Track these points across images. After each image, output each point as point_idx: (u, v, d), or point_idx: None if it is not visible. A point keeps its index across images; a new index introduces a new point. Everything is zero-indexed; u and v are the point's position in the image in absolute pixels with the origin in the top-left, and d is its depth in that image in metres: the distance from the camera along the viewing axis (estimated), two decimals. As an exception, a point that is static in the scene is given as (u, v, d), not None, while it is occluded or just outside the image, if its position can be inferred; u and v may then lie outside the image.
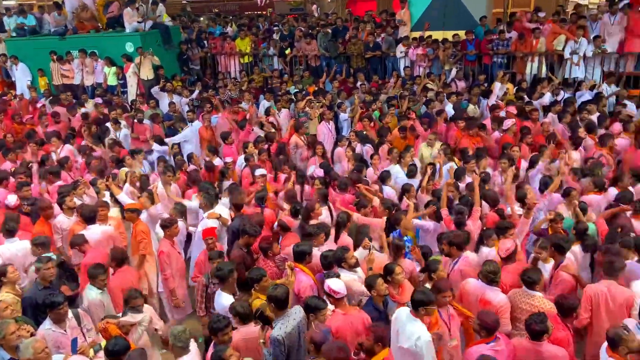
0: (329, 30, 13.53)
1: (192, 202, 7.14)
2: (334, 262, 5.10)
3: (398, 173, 7.73)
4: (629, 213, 6.00)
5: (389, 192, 7.25)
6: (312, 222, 6.09)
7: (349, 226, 6.04)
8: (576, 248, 5.48)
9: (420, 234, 6.43)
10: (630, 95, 10.13)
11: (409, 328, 4.21)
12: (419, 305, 4.21)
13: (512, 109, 9.66)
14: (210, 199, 6.69)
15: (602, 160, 7.50)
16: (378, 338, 3.91)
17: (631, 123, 8.64)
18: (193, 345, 4.25)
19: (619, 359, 3.74)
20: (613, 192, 6.64)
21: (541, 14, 12.30)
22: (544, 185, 6.82)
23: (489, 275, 4.66)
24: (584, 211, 6.08)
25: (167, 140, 9.71)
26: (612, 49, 11.09)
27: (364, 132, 9.22)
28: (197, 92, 12.30)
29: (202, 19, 17.67)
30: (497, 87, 10.62)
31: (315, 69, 13.49)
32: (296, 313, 4.41)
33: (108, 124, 10.12)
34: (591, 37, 11.05)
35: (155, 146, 9.41)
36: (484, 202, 6.38)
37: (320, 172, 7.76)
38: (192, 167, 8.40)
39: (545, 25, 11.82)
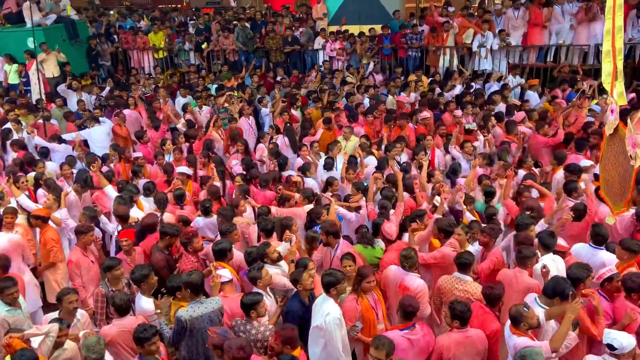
0: (247, 24, 13.35)
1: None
2: (257, 258, 5.06)
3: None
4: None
5: (311, 183, 7.29)
6: (237, 219, 6.00)
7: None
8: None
9: (343, 224, 6.50)
10: (530, 84, 10.78)
11: (322, 307, 4.32)
12: (329, 287, 4.34)
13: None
14: (126, 200, 6.42)
15: (508, 147, 7.97)
16: (286, 340, 3.94)
17: (534, 112, 9.23)
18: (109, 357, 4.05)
19: (520, 334, 3.92)
20: (521, 173, 7.09)
21: (450, 9, 12.82)
22: (452, 172, 7.27)
23: (404, 261, 4.79)
24: (493, 195, 6.40)
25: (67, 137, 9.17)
26: (516, 42, 11.79)
27: (289, 125, 9.23)
28: (107, 89, 11.72)
29: (111, 12, 16.81)
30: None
31: (234, 63, 13.28)
32: (211, 303, 4.43)
33: (9, 125, 9.37)
34: (497, 31, 11.67)
35: (55, 146, 8.78)
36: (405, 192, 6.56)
37: (240, 169, 7.65)
38: (105, 168, 7.98)
39: (454, 20, 12.34)
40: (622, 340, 3.68)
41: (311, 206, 6.29)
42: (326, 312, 4.27)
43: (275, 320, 4.60)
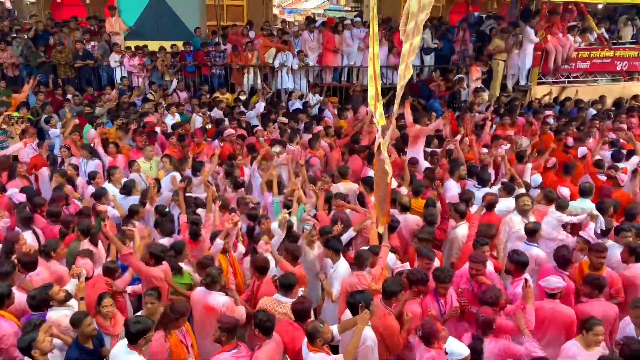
0: (25, 36, 11.89)
1: None
2: (41, 302, 4.41)
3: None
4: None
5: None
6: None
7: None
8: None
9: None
10: (330, 101, 11.53)
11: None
12: (138, 337, 3.89)
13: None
14: None
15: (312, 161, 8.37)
16: None
17: (330, 128, 9.84)
18: None
19: (316, 350, 3.95)
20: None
21: (251, 33, 13.10)
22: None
23: (206, 279, 4.72)
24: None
25: None
26: (314, 62, 12.52)
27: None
28: None
29: None
30: None
31: (14, 79, 11.69)
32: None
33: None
34: (295, 51, 12.25)
35: None
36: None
37: (21, 197, 6.68)
38: None
39: (256, 39, 12.63)
40: (455, 348, 4.02)
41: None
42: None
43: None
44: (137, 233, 5.65)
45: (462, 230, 6.17)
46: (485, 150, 8.54)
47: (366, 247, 5.57)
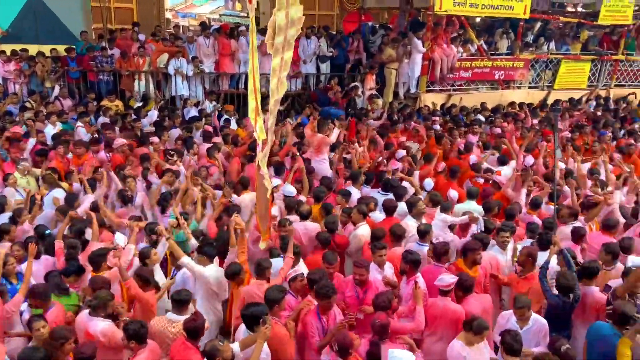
0: None
1: None
2: None
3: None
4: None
5: None
6: None
7: None
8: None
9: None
10: (226, 109, 11.33)
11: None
12: None
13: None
14: None
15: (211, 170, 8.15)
16: None
17: (228, 136, 9.66)
18: None
19: None
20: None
21: (142, 36, 12.52)
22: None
23: (93, 303, 4.47)
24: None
25: None
26: (209, 69, 12.24)
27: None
28: None
29: None
30: None
31: None
32: None
33: None
34: (190, 57, 11.90)
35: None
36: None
37: None
38: None
39: (147, 44, 12.10)
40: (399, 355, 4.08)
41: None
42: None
43: None
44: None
45: (362, 231, 6.28)
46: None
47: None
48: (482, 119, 11.69)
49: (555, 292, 4.95)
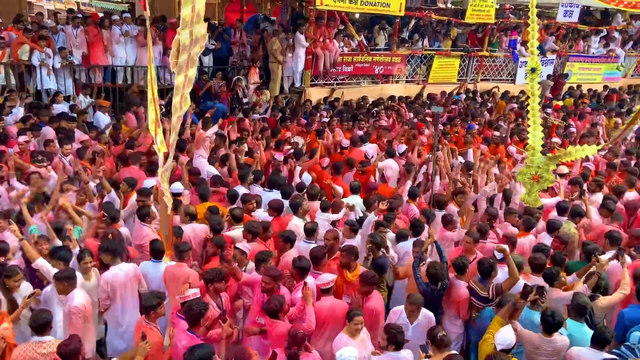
0: None
1: None
2: None
3: None
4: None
5: None
6: None
7: None
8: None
9: None
10: (100, 105, 10.53)
11: None
12: None
13: None
14: None
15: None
16: None
17: (103, 134, 9.05)
18: None
19: None
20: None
21: (-1, 21, 11.27)
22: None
23: None
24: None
25: None
26: (79, 61, 11.33)
27: None
28: None
29: None
30: None
31: None
32: None
33: None
34: (57, 48, 10.92)
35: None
36: None
37: None
38: None
39: (6, 33, 10.89)
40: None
41: None
42: None
43: None
44: None
45: (234, 233, 6.24)
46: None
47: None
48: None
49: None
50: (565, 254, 6.11)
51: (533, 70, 5.50)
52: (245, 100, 12.21)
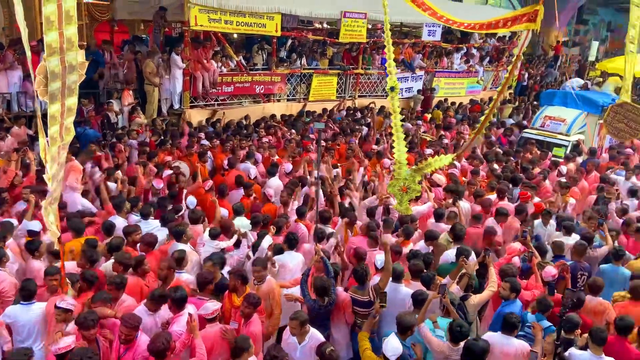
0: None
1: None
2: None
3: None
4: None
5: None
6: None
7: None
8: None
9: None
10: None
11: None
12: None
13: None
14: None
15: None
16: None
17: None
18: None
19: None
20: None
21: None
22: None
23: None
24: None
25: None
26: None
27: None
28: None
29: None
30: None
31: None
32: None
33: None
34: None
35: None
36: None
37: None
38: None
39: None
40: None
41: None
42: None
43: None
44: None
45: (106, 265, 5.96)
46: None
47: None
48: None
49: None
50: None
51: (392, 89, 5.81)
52: (118, 124, 11.59)
